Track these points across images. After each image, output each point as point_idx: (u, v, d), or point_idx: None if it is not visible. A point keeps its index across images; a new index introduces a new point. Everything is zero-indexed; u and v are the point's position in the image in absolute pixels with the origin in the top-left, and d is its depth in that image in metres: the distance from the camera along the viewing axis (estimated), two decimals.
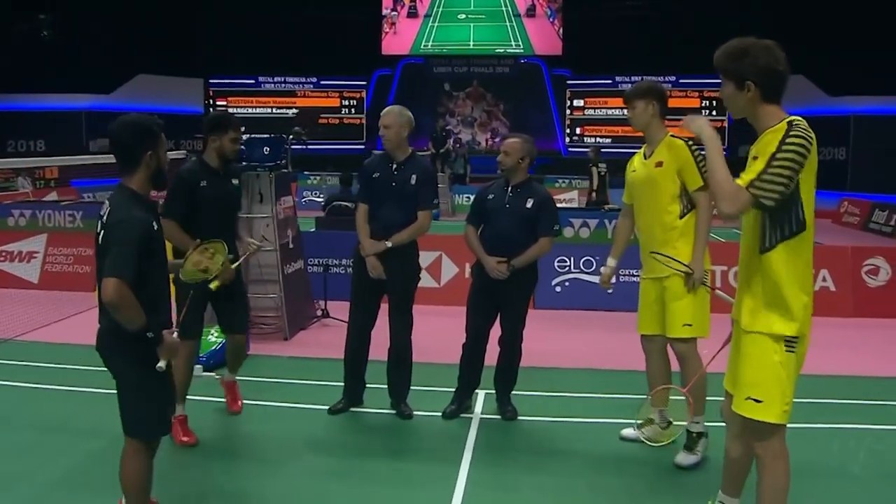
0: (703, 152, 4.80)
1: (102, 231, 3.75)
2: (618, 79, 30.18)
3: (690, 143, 5.14)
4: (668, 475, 5.09)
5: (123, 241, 3.61)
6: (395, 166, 5.94)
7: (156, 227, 3.81)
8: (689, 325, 5.17)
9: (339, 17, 29.89)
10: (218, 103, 30.79)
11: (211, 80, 31.29)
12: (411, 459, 5.37)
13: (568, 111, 31.54)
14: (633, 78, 29.48)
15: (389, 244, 5.84)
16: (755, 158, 3.51)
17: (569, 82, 31.32)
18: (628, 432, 5.63)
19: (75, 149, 24.11)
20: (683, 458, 5.18)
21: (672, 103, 5.92)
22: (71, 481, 4.89)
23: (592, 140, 29.37)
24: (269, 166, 8.23)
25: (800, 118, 3.47)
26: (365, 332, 6.10)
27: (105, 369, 3.91)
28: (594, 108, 31.17)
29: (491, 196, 5.99)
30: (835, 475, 5.13)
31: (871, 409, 6.44)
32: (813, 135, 3.44)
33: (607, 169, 17.48)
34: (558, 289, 10.14)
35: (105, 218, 3.76)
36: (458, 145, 27.29)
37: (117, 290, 3.54)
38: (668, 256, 5.10)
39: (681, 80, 29.38)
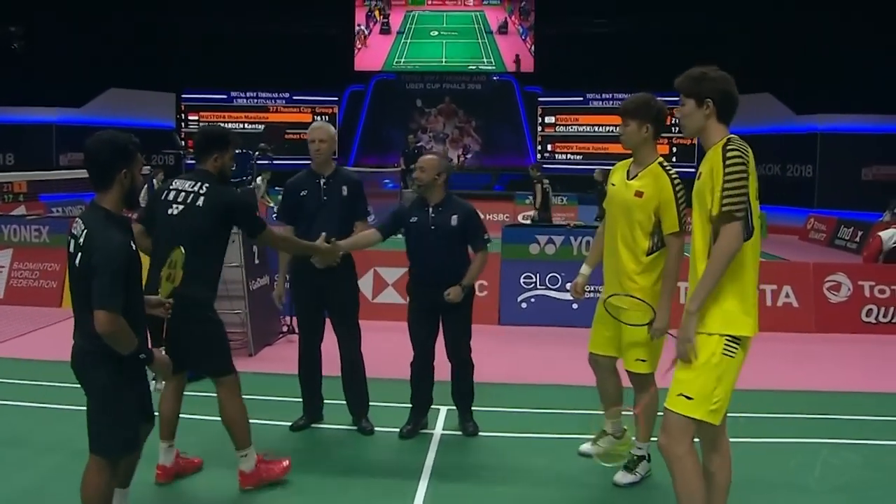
0: (685, 194, 4.80)
1: (80, 253, 3.75)
2: (589, 96, 30.43)
3: (676, 180, 4.87)
4: (628, 491, 5.13)
5: (108, 268, 3.64)
6: (322, 182, 5.94)
7: (134, 248, 3.84)
8: (643, 361, 5.05)
9: (312, 33, 29.94)
10: (190, 118, 30.68)
11: (183, 95, 31.16)
12: (371, 476, 5.37)
13: (539, 128, 31.70)
14: (604, 95, 29.86)
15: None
16: (700, 174, 3.80)
17: (540, 99, 31.50)
18: (587, 447, 5.66)
19: (45, 163, 23.91)
20: (622, 476, 5.20)
21: None
22: (28, 497, 4.85)
23: (564, 157, 29.57)
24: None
25: (736, 136, 3.76)
26: (314, 347, 6.12)
27: (70, 385, 3.92)
28: (566, 125, 31.35)
29: (414, 219, 5.88)
30: (791, 489, 5.20)
31: (829, 423, 6.54)
32: (749, 148, 3.72)
33: (551, 185, 17.43)
34: (524, 305, 10.20)
35: (82, 240, 3.76)
36: None
37: (111, 322, 3.61)
38: (640, 300, 4.82)
39: None
